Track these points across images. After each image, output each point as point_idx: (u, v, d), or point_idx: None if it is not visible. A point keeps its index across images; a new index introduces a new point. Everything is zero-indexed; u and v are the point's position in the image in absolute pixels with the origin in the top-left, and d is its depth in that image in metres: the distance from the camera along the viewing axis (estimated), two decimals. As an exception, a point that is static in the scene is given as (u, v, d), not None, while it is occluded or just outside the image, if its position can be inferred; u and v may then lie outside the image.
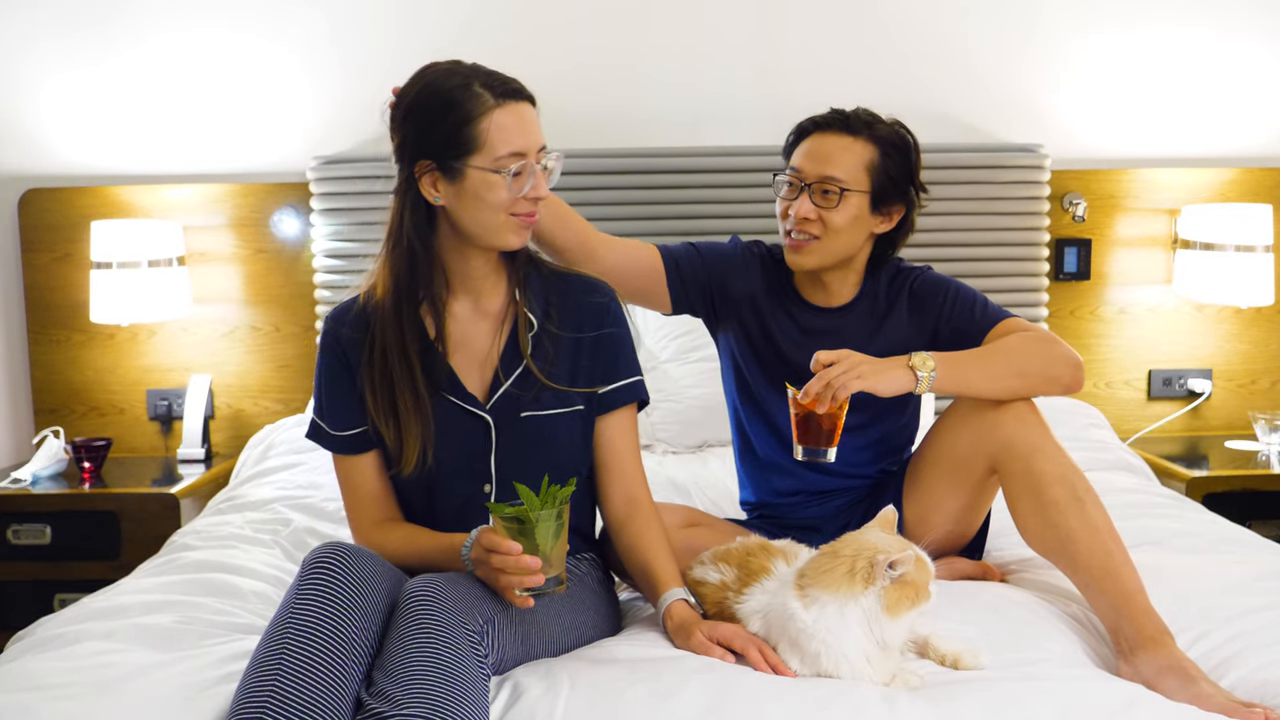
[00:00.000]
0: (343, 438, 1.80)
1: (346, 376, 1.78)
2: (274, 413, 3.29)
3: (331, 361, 1.80)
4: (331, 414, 1.80)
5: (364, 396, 1.76)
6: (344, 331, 1.79)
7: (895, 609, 1.52)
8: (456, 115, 1.66)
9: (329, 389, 1.80)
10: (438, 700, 1.40)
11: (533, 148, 1.70)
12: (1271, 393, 3.38)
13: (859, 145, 2.01)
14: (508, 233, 1.72)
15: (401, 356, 1.73)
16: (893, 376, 1.82)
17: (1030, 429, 1.87)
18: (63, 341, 3.28)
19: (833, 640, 1.53)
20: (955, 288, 2.08)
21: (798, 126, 2.09)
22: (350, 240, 3.23)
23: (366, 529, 1.82)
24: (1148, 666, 1.62)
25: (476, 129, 1.66)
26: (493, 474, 1.79)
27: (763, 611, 1.62)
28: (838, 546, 1.58)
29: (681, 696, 1.47)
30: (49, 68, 3.23)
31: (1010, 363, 1.91)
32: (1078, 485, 1.82)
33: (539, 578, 1.53)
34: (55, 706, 1.49)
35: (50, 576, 2.87)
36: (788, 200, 2.05)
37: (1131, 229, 3.32)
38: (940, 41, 3.29)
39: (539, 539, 1.53)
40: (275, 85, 3.27)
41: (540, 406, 1.78)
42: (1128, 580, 1.72)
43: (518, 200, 1.70)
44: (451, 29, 3.26)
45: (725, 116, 3.31)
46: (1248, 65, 3.31)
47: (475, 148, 1.66)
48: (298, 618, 1.47)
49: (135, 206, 3.25)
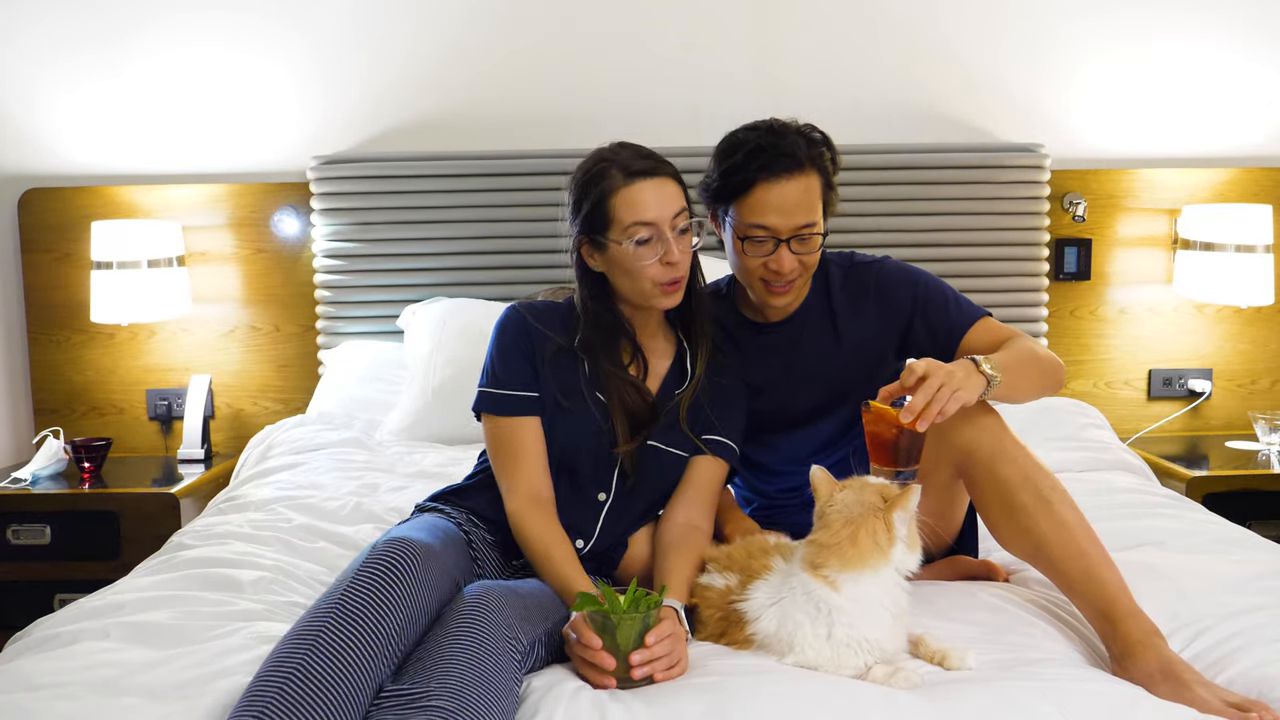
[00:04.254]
0: (514, 397, 1.90)
1: (527, 353, 1.92)
2: (274, 413, 3.30)
3: (516, 336, 1.93)
4: (506, 378, 1.91)
5: (543, 373, 1.91)
6: (534, 317, 1.94)
7: (913, 541, 1.60)
8: (594, 195, 1.87)
9: (507, 358, 1.92)
10: (469, 699, 1.42)
11: (663, 218, 1.84)
12: (1271, 393, 3.38)
13: (811, 179, 1.92)
14: (654, 298, 1.89)
15: (615, 362, 1.92)
16: (975, 382, 1.73)
17: (985, 432, 1.81)
18: (63, 341, 3.28)
19: (866, 612, 1.56)
20: (924, 281, 2.03)
21: (737, 171, 1.92)
22: (350, 240, 3.23)
23: (527, 500, 1.86)
24: (1138, 671, 1.60)
25: (609, 205, 1.85)
26: (612, 486, 1.93)
27: (774, 604, 1.63)
28: (831, 521, 1.60)
29: (682, 697, 1.48)
30: (49, 68, 3.23)
31: (1037, 368, 1.89)
32: (1042, 485, 1.76)
33: (610, 680, 1.56)
34: (53, 706, 1.49)
35: (50, 576, 2.87)
36: (761, 257, 1.93)
37: (1131, 229, 3.32)
38: (940, 41, 3.29)
39: (620, 639, 1.56)
40: (276, 85, 3.27)
41: (666, 441, 1.94)
42: (1109, 581, 1.69)
43: (656, 267, 1.85)
44: (452, 31, 3.26)
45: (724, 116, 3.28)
46: (1248, 65, 3.31)
47: (609, 224, 1.86)
48: (343, 607, 1.49)
49: (135, 206, 3.25)
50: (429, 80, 3.28)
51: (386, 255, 3.25)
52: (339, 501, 2.44)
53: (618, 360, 1.93)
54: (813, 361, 2.06)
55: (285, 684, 1.40)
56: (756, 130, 1.95)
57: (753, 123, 1.98)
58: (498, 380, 1.92)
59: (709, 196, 2.01)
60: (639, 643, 1.56)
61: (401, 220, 3.24)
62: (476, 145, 3.28)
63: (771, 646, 1.62)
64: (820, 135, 1.96)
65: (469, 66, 3.28)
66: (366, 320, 3.26)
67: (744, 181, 1.92)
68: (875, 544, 1.56)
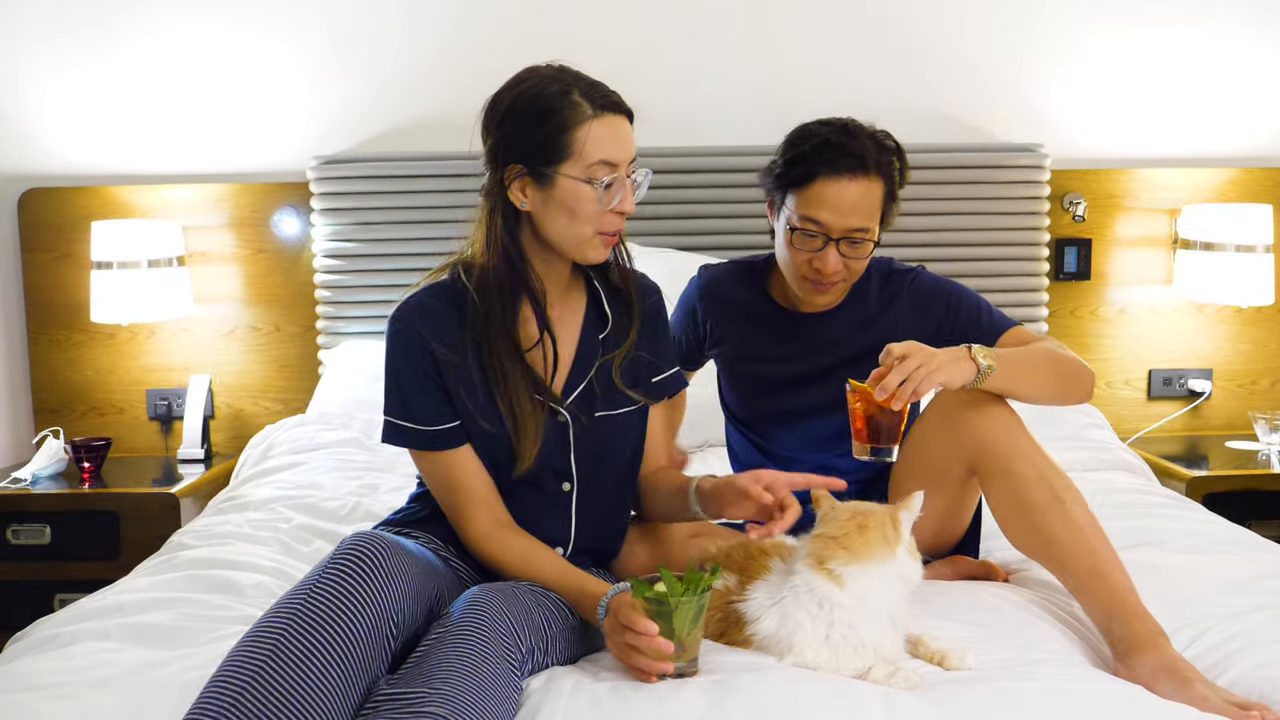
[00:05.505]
0: (437, 432, 1.73)
1: (432, 371, 1.72)
2: (274, 413, 3.30)
3: (413, 356, 1.73)
4: (421, 410, 1.73)
5: (454, 391, 1.72)
6: (423, 326, 1.73)
7: (913, 550, 1.61)
8: (553, 121, 1.67)
9: (413, 385, 1.73)
10: (465, 705, 1.38)
11: (624, 161, 1.71)
12: (1271, 393, 3.37)
13: (874, 185, 1.91)
14: (590, 248, 1.72)
15: (514, 358, 1.72)
16: (962, 368, 1.77)
17: (1005, 430, 1.82)
18: (63, 341, 3.28)
19: (867, 612, 1.56)
20: (958, 291, 2.05)
21: (801, 162, 1.92)
22: (350, 240, 3.23)
23: (489, 528, 1.74)
24: (1143, 669, 1.61)
25: (571, 137, 1.66)
26: (573, 471, 1.79)
27: (773, 604, 1.63)
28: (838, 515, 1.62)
29: (682, 697, 1.47)
30: (49, 68, 3.23)
31: (1055, 366, 1.90)
32: (1056, 484, 1.78)
33: (669, 665, 1.51)
34: (53, 706, 1.49)
35: (50, 576, 2.87)
36: (808, 252, 1.93)
37: (1131, 229, 3.32)
38: (940, 41, 3.29)
39: (676, 623, 1.50)
40: (275, 85, 3.27)
41: (612, 406, 1.80)
42: (1117, 581, 1.70)
43: (605, 215, 1.70)
44: (451, 29, 3.26)
45: (724, 116, 3.31)
46: (1248, 65, 3.31)
47: (568, 155, 1.67)
48: (305, 607, 1.42)
49: (135, 206, 3.25)
50: (429, 80, 3.28)
51: (386, 255, 3.25)
52: (339, 501, 2.44)
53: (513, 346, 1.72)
54: (834, 359, 2.06)
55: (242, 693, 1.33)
56: (830, 125, 1.94)
57: (828, 118, 1.98)
58: (410, 414, 1.73)
59: (770, 181, 1.99)
60: (694, 626, 1.52)
61: (401, 220, 3.24)
62: (476, 145, 3.26)
63: (771, 647, 1.61)
64: (893, 144, 1.95)
65: (469, 66, 3.27)
66: (366, 320, 3.25)
67: (806, 172, 1.91)
68: (883, 536, 1.58)
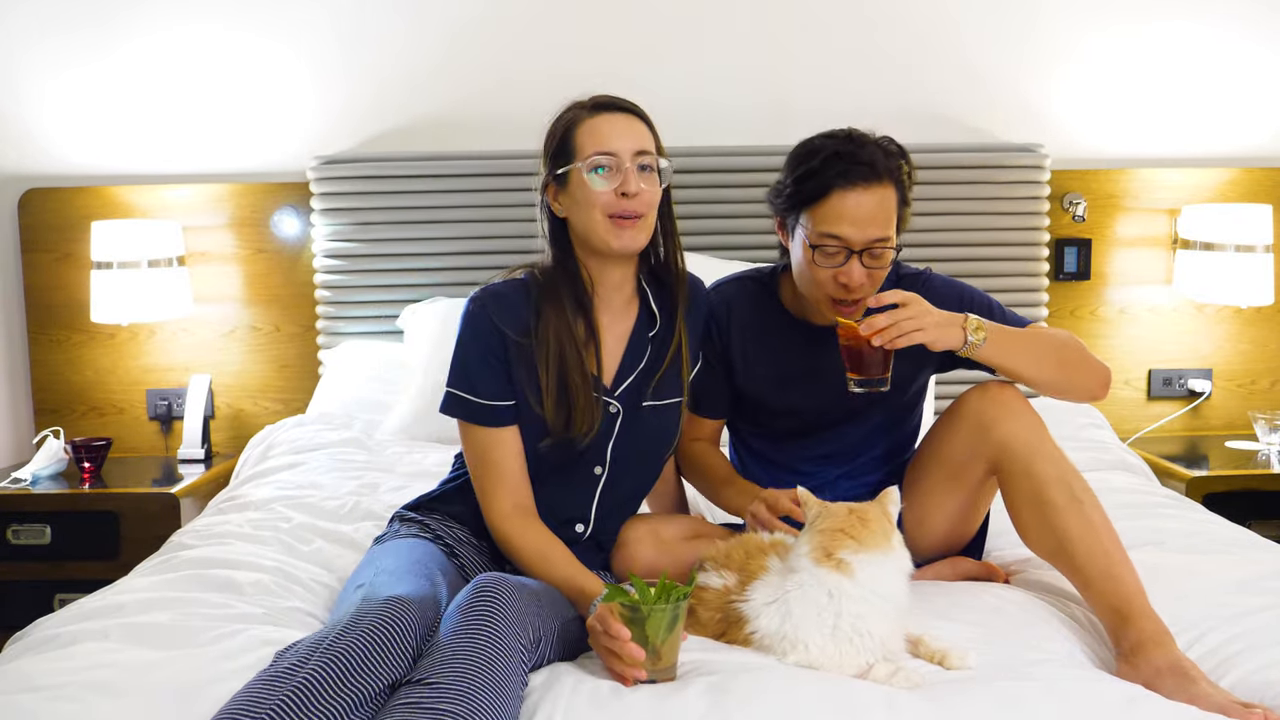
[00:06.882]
0: (492, 408, 1.86)
1: (499, 350, 1.87)
2: (274, 413, 3.30)
3: (483, 335, 1.88)
4: (482, 384, 1.87)
5: (516, 374, 1.86)
6: (496, 310, 1.88)
7: (902, 543, 1.65)
8: (563, 132, 1.88)
9: (479, 362, 1.87)
10: (479, 703, 1.41)
11: (623, 150, 1.83)
12: (1271, 393, 3.38)
13: (888, 191, 1.89)
14: (607, 233, 1.84)
15: (572, 351, 1.86)
16: (949, 333, 1.80)
17: (1027, 430, 1.86)
18: (63, 341, 3.28)
19: (875, 602, 1.58)
20: (970, 292, 2.05)
21: (812, 177, 1.89)
22: (350, 240, 3.23)
23: (507, 511, 1.85)
24: (1147, 667, 1.61)
25: (574, 137, 1.86)
26: (608, 457, 1.92)
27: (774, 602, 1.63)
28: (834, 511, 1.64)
29: (681, 696, 1.47)
30: (48, 68, 3.23)
31: (1057, 352, 1.92)
32: (1075, 486, 1.82)
33: (640, 672, 1.55)
34: (53, 707, 1.48)
35: (50, 576, 2.87)
36: (831, 268, 1.89)
37: (1131, 229, 3.32)
38: (940, 41, 3.29)
39: (649, 631, 1.54)
40: (275, 85, 3.27)
41: (657, 397, 1.93)
42: (1127, 582, 1.72)
43: (610, 198, 1.81)
44: (452, 30, 3.26)
45: (724, 116, 3.30)
46: (1248, 65, 3.32)
47: (574, 154, 1.85)
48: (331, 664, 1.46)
49: (135, 206, 3.25)
50: (429, 80, 3.28)
51: (386, 255, 3.25)
52: (339, 501, 2.44)
53: (565, 328, 1.86)
54: None
55: None
56: (834, 138, 1.92)
57: (830, 130, 1.96)
58: (473, 387, 1.87)
59: (780, 203, 1.97)
60: (669, 635, 1.55)
61: (401, 220, 3.24)
62: (477, 145, 3.28)
63: (772, 646, 1.62)
64: (897, 148, 1.94)
65: (469, 66, 3.28)
66: (366, 320, 3.26)
67: (820, 188, 1.88)
68: (884, 529, 1.62)
